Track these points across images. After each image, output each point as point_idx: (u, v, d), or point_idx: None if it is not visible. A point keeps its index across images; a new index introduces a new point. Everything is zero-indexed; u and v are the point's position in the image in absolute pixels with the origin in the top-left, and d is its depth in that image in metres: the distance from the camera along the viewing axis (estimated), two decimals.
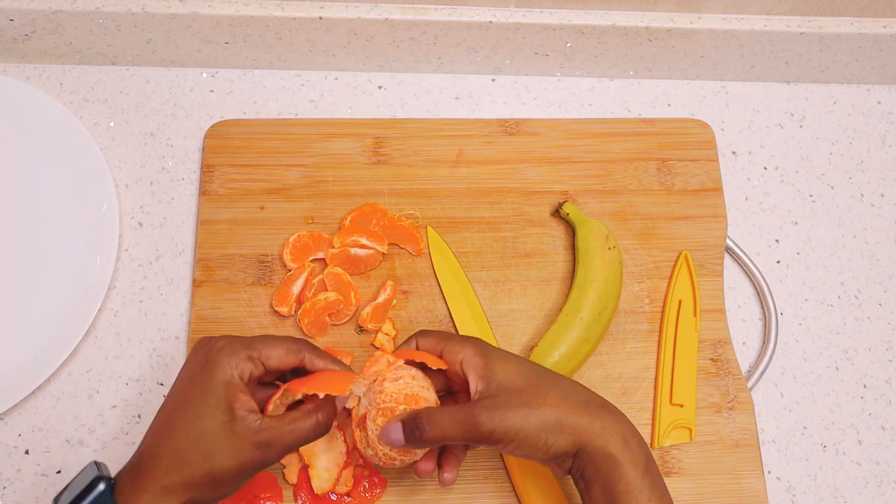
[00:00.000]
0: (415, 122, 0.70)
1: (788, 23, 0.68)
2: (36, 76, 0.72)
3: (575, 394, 0.49)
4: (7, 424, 0.61)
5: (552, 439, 0.47)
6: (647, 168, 0.69)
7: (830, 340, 0.67)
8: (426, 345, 0.53)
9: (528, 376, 0.49)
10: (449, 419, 0.48)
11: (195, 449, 0.46)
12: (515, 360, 0.51)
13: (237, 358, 0.48)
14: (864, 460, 0.63)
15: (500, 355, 0.51)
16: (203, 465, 0.46)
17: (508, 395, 0.48)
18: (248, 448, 0.46)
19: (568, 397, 0.48)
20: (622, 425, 0.48)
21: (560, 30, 0.68)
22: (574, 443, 0.47)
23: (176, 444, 0.47)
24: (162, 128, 0.70)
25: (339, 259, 0.64)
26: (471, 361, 0.50)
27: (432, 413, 0.49)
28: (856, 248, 0.70)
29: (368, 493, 0.59)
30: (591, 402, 0.49)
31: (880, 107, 0.75)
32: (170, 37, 0.68)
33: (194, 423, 0.47)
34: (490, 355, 0.50)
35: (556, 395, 0.48)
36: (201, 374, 0.48)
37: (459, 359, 0.51)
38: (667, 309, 0.65)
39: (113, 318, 0.64)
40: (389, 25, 0.67)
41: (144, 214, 0.68)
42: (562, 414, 0.47)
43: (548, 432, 0.47)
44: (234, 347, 0.49)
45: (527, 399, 0.48)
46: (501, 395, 0.48)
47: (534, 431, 0.47)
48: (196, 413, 0.47)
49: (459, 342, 0.52)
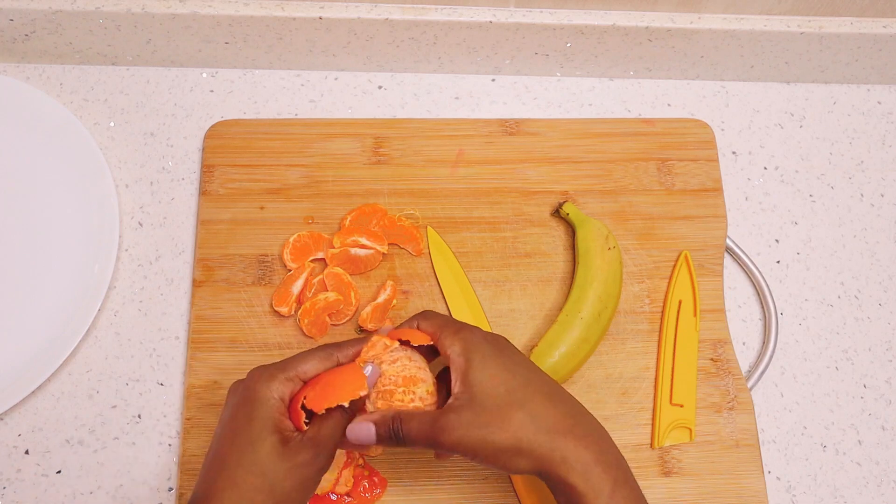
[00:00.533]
0: (415, 122, 0.70)
1: (788, 23, 0.68)
2: (36, 76, 0.72)
3: (541, 418, 0.47)
4: (7, 424, 0.61)
5: (511, 462, 0.47)
6: (647, 168, 0.69)
7: (830, 340, 0.67)
8: (426, 328, 0.53)
9: (499, 393, 0.48)
10: (417, 428, 0.48)
11: (252, 475, 0.46)
12: (498, 367, 0.49)
13: (275, 382, 0.49)
14: (864, 460, 0.63)
15: (483, 360, 0.49)
16: (263, 490, 0.46)
17: (474, 411, 0.47)
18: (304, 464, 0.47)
19: (532, 422, 0.47)
20: (584, 451, 0.47)
21: (560, 30, 0.68)
22: (535, 467, 0.47)
23: (231, 476, 0.46)
24: (162, 128, 0.70)
25: (339, 259, 0.64)
26: (455, 361, 0.50)
27: (404, 419, 0.49)
28: (856, 248, 0.70)
29: (368, 493, 0.59)
30: (556, 427, 0.47)
31: (880, 107, 0.75)
32: (170, 37, 0.68)
33: (246, 452, 0.47)
34: (473, 359, 0.49)
35: (520, 418, 0.47)
36: (244, 407, 0.48)
37: (448, 354, 0.50)
38: (667, 309, 0.65)
39: (113, 318, 0.64)
40: (389, 25, 0.67)
41: (144, 214, 0.68)
42: (521, 440, 0.47)
43: (506, 456, 0.47)
44: (270, 373, 0.49)
45: (489, 419, 0.47)
46: (467, 410, 0.47)
47: (491, 453, 0.47)
48: (246, 442, 0.47)
49: (451, 335, 0.51)
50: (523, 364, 0.51)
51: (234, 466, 0.46)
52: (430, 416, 0.48)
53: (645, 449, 0.61)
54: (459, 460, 0.60)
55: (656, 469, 0.61)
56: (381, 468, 0.60)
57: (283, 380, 0.49)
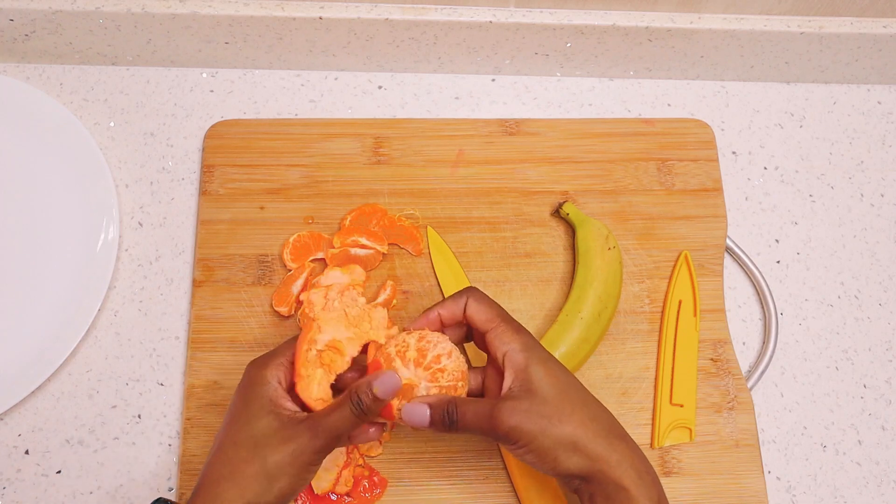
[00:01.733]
0: (415, 122, 0.70)
1: (788, 23, 0.68)
2: (36, 76, 0.72)
3: (600, 419, 0.49)
4: (7, 424, 0.61)
5: (564, 457, 0.47)
6: (647, 168, 0.69)
7: (830, 340, 0.67)
8: (476, 313, 0.52)
9: (560, 388, 0.49)
10: (472, 412, 0.48)
11: (243, 449, 0.47)
12: (555, 368, 0.50)
13: (270, 366, 0.50)
14: (864, 460, 0.63)
15: (541, 359, 0.50)
16: (253, 462, 0.46)
17: (534, 402, 0.48)
18: (297, 435, 0.47)
19: (592, 421, 0.48)
20: (638, 459, 0.48)
21: (560, 30, 0.68)
22: (586, 467, 0.47)
23: (225, 454, 0.47)
24: (162, 128, 0.70)
25: (339, 259, 0.64)
26: (513, 358, 0.49)
27: (461, 404, 0.49)
28: (856, 248, 0.70)
29: (368, 493, 0.59)
30: (613, 431, 0.48)
31: (880, 107, 0.75)
32: (170, 37, 0.68)
33: (241, 430, 0.48)
34: (532, 357, 0.49)
35: (581, 415, 0.48)
36: (242, 394, 0.50)
37: (504, 350, 0.50)
38: (667, 309, 0.65)
39: (113, 318, 0.64)
40: (389, 25, 0.67)
41: (144, 214, 0.68)
42: (580, 436, 0.47)
43: (561, 450, 0.47)
44: (263, 360, 0.51)
45: (550, 411, 0.47)
46: (527, 400, 0.48)
47: (548, 444, 0.47)
48: (244, 422, 0.48)
49: (510, 332, 0.50)
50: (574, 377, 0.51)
51: (229, 445, 0.47)
52: (487, 403, 0.48)
53: (645, 449, 0.61)
54: (460, 461, 0.60)
55: (656, 469, 0.60)
56: (381, 468, 0.60)
57: (276, 364, 0.50)
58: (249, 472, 0.46)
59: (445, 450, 0.60)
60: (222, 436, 0.49)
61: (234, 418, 0.49)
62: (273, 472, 0.46)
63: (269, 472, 0.46)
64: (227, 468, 0.47)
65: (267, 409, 0.48)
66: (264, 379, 0.49)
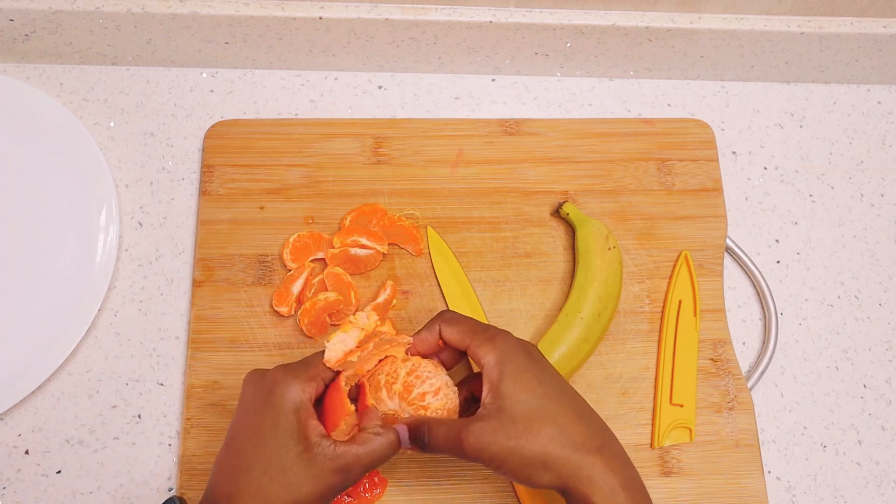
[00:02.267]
0: (415, 122, 0.70)
1: (788, 23, 0.68)
2: (36, 76, 0.72)
3: (571, 433, 0.47)
4: (7, 424, 0.61)
5: (535, 475, 0.46)
6: (647, 168, 0.69)
7: (830, 340, 0.67)
8: (451, 335, 0.51)
9: (530, 404, 0.47)
10: (443, 435, 0.48)
11: (276, 484, 0.46)
12: (531, 379, 0.48)
13: (300, 382, 0.48)
14: (864, 460, 0.63)
15: (515, 370, 0.48)
16: (286, 497, 0.46)
17: (502, 421, 0.47)
18: (328, 475, 0.46)
19: (561, 436, 0.47)
20: (611, 473, 0.46)
21: (560, 30, 0.68)
22: (559, 482, 0.46)
23: (256, 481, 0.46)
24: (162, 128, 0.70)
25: (339, 259, 0.64)
26: (489, 372, 0.49)
27: (432, 426, 0.48)
28: (856, 248, 0.70)
29: (368, 493, 0.59)
30: (586, 445, 0.47)
31: (880, 107, 0.75)
32: (170, 37, 0.68)
33: (271, 457, 0.47)
34: (506, 369, 0.48)
35: (550, 432, 0.47)
36: (268, 406, 0.48)
37: (481, 364, 0.49)
38: (667, 309, 0.65)
39: (113, 318, 0.64)
40: (389, 25, 0.67)
41: (144, 214, 0.68)
42: (549, 454, 0.46)
43: (533, 468, 0.46)
44: (295, 373, 0.49)
45: (518, 432, 0.46)
46: (495, 420, 0.47)
47: (518, 463, 0.46)
48: (272, 447, 0.47)
49: (483, 345, 0.50)
50: (555, 377, 0.50)
51: (259, 473, 0.46)
52: (457, 424, 0.48)
53: (645, 449, 0.61)
54: (458, 462, 0.60)
55: (656, 469, 0.61)
56: (381, 468, 0.60)
57: (306, 380, 0.49)
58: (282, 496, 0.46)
59: None
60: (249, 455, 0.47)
61: (262, 438, 0.47)
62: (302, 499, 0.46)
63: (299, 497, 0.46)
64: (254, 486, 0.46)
65: (298, 438, 0.47)
66: (296, 395, 0.48)
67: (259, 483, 0.46)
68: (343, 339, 0.50)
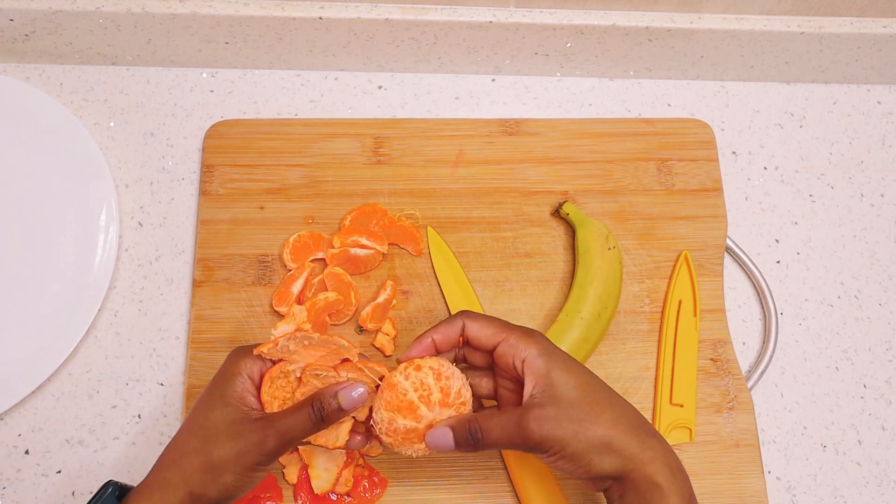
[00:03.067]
0: (415, 122, 0.70)
1: (788, 23, 0.68)
2: (36, 76, 0.72)
3: (628, 417, 0.48)
4: (7, 424, 0.61)
5: (597, 460, 0.46)
6: (647, 168, 0.69)
7: (830, 340, 0.67)
8: (478, 332, 0.51)
9: (585, 390, 0.48)
10: (499, 427, 0.47)
11: (195, 437, 0.47)
12: (576, 369, 0.49)
13: (247, 359, 0.49)
14: (864, 460, 0.63)
15: (561, 360, 0.49)
16: (201, 452, 0.46)
17: (561, 407, 0.47)
18: (246, 433, 0.47)
19: (621, 420, 0.47)
20: (670, 456, 0.47)
21: (560, 30, 0.68)
22: (620, 466, 0.46)
23: (179, 439, 0.48)
24: (162, 128, 0.70)
25: (339, 259, 0.64)
26: (533, 364, 0.48)
27: (484, 420, 0.48)
28: (856, 248, 0.70)
29: (368, 493, 0.59)
30: (643, 428, 0.48)
31: (880, 107, 0.75)
32: (170, 37, 0.68)
33: (198, 417, 0.48)
34: (553, 360, 0.48)
35: (611, 415, 0.47)
36: (214, 379, 0.50)
37: (522, 357, 0.49)
38: (667, 309, 0.65)
39: (113, 318, 0.64)
40: (389, 25, 0.67)
41: (144, 214, 0.68)
42: (613, 436, 0.46)
43: (594, 452, 0.46)
44: (243, 350, 0.50)
45: (580, 415, 0.47)
46: (553, 406, 0.47)
47: (581, 448, 0.46)
48: (202, 409, 0.48)
49: (522, 338, 0.49)
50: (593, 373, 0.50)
51: (184, 431, 0.48)
52: (512, 416, 0.47)
53: None
54: (460, 461, 0.60)
55: None
56: (381, 468, 0.60)
57: (254, 358, 0.49)
58: (195, 462, 0.46)
59: None
60: (185, 420, 0.49)
61: (197, 404, 0.49)
62: (217, 467, 0.46)
63: (214, 466, 0.46)
64: (176, 453, 0.47)
65: (227, 401, 0.48)
66: (237, 369, 0.49)
67: (181, 438, 0.47)
68: (282, 330, 0.51)
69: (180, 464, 0.46)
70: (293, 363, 0.50)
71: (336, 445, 0.51)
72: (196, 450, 0.46)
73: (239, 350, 0.51)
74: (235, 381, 0.49)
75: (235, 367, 0.49)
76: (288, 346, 0.49)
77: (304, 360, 0.50)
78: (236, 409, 0.48)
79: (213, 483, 0.46)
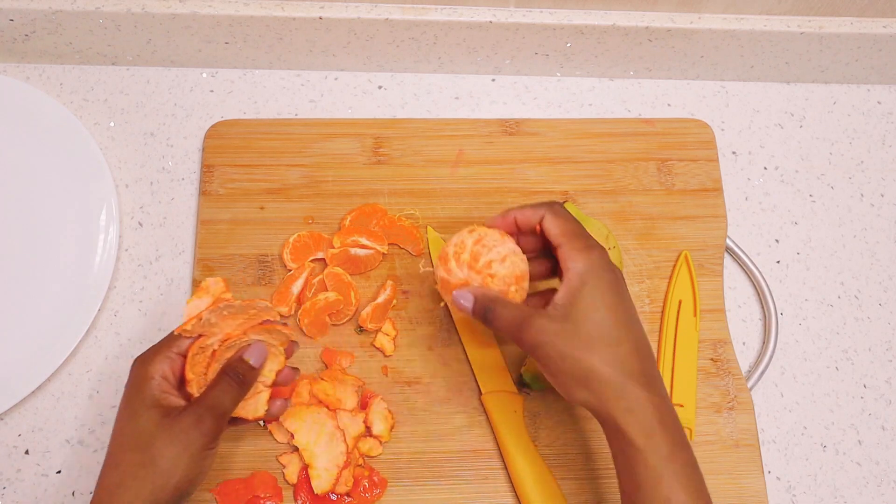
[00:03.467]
0: (415, 122, 0.70)
1: (788, 23, 0.68)
2: (36, 76, 0.72)
3: (626, 361, 0.47)
4: (7, 424, 0.61)
5: (574, 389, 0.47)
6: (647, 168, 0.69)
7: (830, 340, 0.67)
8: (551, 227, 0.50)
9: (600, 324, 0.47)
10: (508, 318, 0.49)
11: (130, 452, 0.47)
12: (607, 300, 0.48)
13: (154, 362, 0.49)
14: (864, 460, 0.63)
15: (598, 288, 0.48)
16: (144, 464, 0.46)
17: (566, 326, 0.47)
18: (181, 424, 0.47)
19: (615, 360, 0.47)
20: (652, 410, 0.46)
21: (560, 30, 0.68)
22: (592, 404, 0.47)
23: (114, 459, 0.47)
24: (162, 128, 0.70)
25: (339, 259, 0.64)
26: (572, 278, 0.48)
27: (499, 306, 0.49)
28: (856, 248, 0.70)
29: (368, 493, 0.59)
30: (635, 375, 0.47)
31: (880, 107, 0.75)
32: (170, 37, 0.68)
33: (125, 430, 0.48)
34: (589, 284, 0.48)
35: (605, 354, 0.47)
36: (126, 394, 0.50)
37: (569, 266, 0.49)
38: (667, 309, 0.65)
39: (113, 318, 0.64)
40: (389, 25, 0.67)
41: (144, 214, 0.68)
42: (595, 372, 0.46)
43: (573, 380, 0.47)
44: (146, 356, 0.50)
45: (578, 343, 0.47)
46: (560, 323, 0.47)
47: (564, 370, 0.47)
48: (126, 421, 0.48)
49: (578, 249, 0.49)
50: (630, 309, 0.50)
51: (115, 448, 0.47)
52: (524, 312, 0.49)
53: None
54: (460, 461, 0.60)
55: None
56: (381, 468, 0.60)
57: (161, 359, 0.50)
58: (141, 475, 0.46)
59: (445, 450, 0.60)
60: (110, 441, 0.48)
61: (118, 420, 0.49)
62: (166, 469, 0.46)
63: (162, 470, 0.46)
64: (117, 474, 0.46)
65: (148, 405, 0.48)
66: (147, 374, 0.49)
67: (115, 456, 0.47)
68: (196, 305, 0.51)
69: (125, 484, 0.46)
70: (212, 336, 0.51)
71: (257, 416, 0.53)
72: (138, 462, 0.46)
73: (141, 358, 0.50)
74: (150, 384, 0.49)
75: (144, 374, 0.49)
76: (210, 318, 0.50)
77: (223, 332, 0.51)
78: (160, 408, 0.48)
79: (165, 487, 0.46)
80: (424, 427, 0.61)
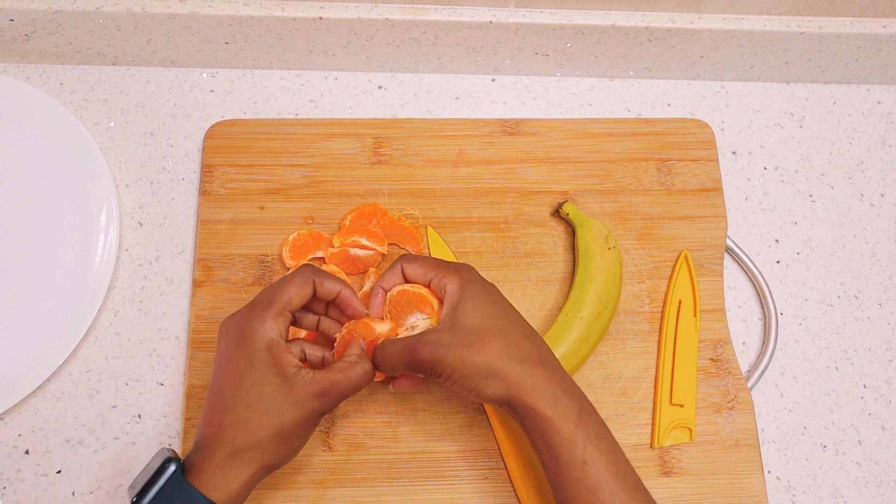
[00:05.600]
0: (415, 122, 0.70)
1: (788, 23, 0.68)
2: (36, 76, 0.72)
3: (517, 346, 0.50)
4: (7, 424, 0.61)
5: (484, 384, 0.49)
6: (646, 168, 0.69)
7: (830, 340, 0.67)
8: (413, 272, 0.55)
9: (484, 321, 0.51)
10: (394, 352, 0.52)
11: (259, 412, 0.48)
12: (485, 299, 0.52)
13: (268, 320, 0.51)
14: (864, 460, 0.63)
15: (475, 294, 0.52)
16: (270, 424, 0.48)
17: (457, 334, 0.50)
18: (308, 399, 0.49)
19: (507, 349, 0.50)
20: (556, 383, 0.50)
21: (560, 30, 0.68)
22: (504, 392, 0.49)
23: (238, 414, 0.48)
24: (162, 128, 0.70)
25: (339, 259, 0.64)
26: (451, 296, 0.53)
27: (383, 346, 0.53)
28: (856, 248, 0.70)
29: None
30: (530, 358, 0.50)
31: (880, 107, 0.75)
32: (170, 37, 0.68)
33: (251, 392, 0.49)
34: (467, 292, 0.52)
35: (499, 343, 0.50)
36: (241, 348, 0.50)
37: (445, 290, 0.53)
38: (667, 309, 0.65)
39: (113, 318, 0.64)
40: (389, 25, 0.67)
41: (144, 214, 0.68)
42: (496, 363, 0.49)
43: (481, 377, 0.49)
44: (262, 312, 0.51)
45: (469, 342, 0.50)
46: (449, 333, 0.51)
47: (468, 372, 0.49)
48: (250, 382, 0.49)
49: (451, 272, 0.54)
50: (508, 305, 0.54)
51: (241, 407, 0.48)
52: (409, 339, 0.51)
53: (645, 449, 0.61)
54: (460, 461, 0.60)
55: (656, 469, 0.61)
56: (381, 468, 0.60)
57: (274, 315, 0.51)
58: (267, 438, 0.48)
59: (445, 450, 0.60)
60: (230, 394, 0.49)
61: (240, 377, 0.49)
62: (288, 435, 0.49)
63: (285, 436, 0.49)
64: (242, 432, 0.48)
65: (275, 371, 0.49)
66: (266, 333, 0.50)
67: (241, 416, 0.48)
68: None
69: (250, 437, 0.48)
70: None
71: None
72: (264, 425, 0.48)
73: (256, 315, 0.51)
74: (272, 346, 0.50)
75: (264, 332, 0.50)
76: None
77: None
78: (286, 377, 0.49)
79: (284, 451, 0.49)
80: (424, 427, 0.61)
